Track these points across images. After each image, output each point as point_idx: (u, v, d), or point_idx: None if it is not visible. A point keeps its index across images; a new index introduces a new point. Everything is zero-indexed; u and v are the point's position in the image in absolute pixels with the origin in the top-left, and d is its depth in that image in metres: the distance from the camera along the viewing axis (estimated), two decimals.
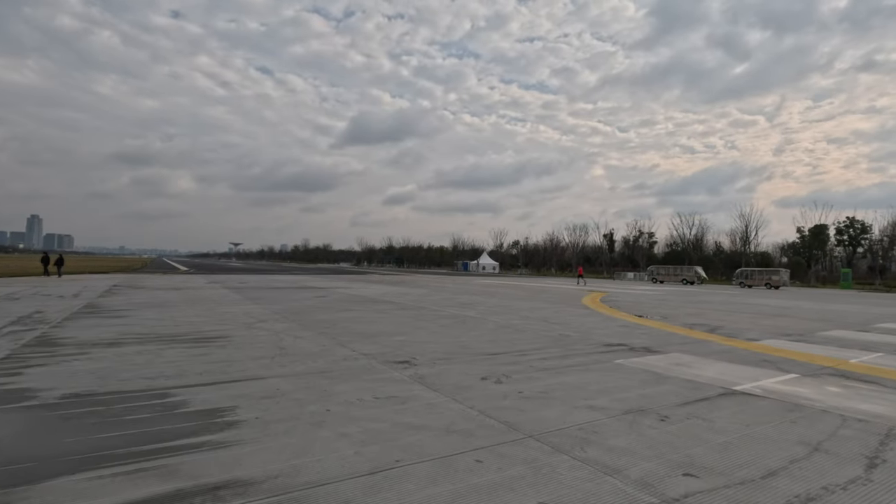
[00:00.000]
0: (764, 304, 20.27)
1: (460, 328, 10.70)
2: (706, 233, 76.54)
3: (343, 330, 10.01)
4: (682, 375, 6.44)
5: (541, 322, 12.18)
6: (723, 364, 7.30)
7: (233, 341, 8.36)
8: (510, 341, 9.01)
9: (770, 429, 4.38)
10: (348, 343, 8.42)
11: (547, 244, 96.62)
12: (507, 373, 6.38)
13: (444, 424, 4.31)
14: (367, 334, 9.49)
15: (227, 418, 4.34)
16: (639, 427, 4.34)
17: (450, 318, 12.68)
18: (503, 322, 11.98)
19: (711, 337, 10.20)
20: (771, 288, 41.59)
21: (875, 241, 62.66)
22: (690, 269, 50.76)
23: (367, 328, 10.35)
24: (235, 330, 9.69)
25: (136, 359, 6.78)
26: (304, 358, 7.06)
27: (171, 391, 5.17)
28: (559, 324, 11.91)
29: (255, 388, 5.34)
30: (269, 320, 11.28)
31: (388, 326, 10.72)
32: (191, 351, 7.42)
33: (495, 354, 7.67)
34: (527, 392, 5.44)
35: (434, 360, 7.09)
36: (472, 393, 5.37)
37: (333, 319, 11.73)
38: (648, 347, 8.66)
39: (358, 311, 13.75)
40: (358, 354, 7.42)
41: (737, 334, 10.68)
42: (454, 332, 10.13)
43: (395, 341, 8.73)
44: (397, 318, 12.23)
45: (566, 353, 7.90)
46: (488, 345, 8.58)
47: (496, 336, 9.64)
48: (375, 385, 5.62)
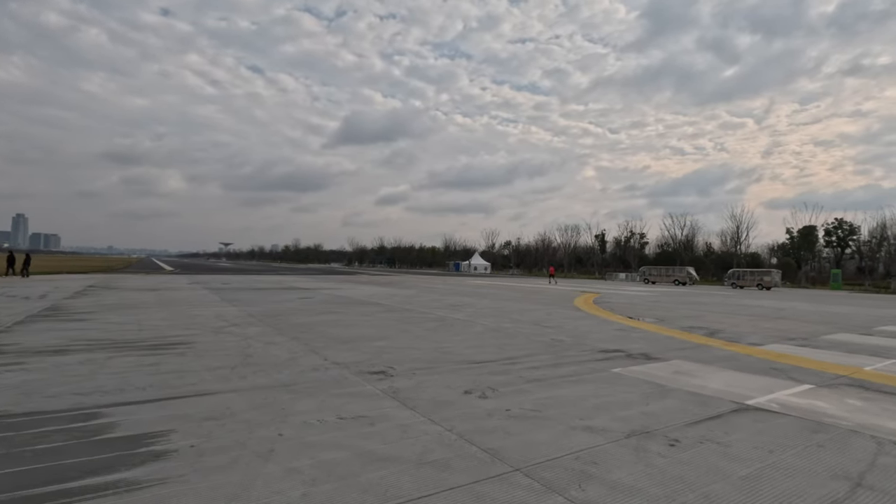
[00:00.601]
0: (760, 306, 19.83)
1: (446, 332, 10.02)
2: (697, 234, 76.65)
3: (319, 335, 9.29)
4: (687, 387, 5.81)
5: (532, 325, 11.54)
6: (729, 373, 6.69)
7: (194, 348, 7.62)
8: (499, 347, 8.35)
9: (797, 456, 3.75)
10: (322, 350, 7.71)
11: (539, 245, 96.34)
12: (493, 385, 5.72)
13: (416, 453, 3.63)
14: (344, 340, 8.78)
15: (157, 446, 3.63)
16: (645, 455, 3.69)
17: (436, 320, 12.01)
18: (492, 325, 11.32)
19: (712, 341, 9.62)
20: (762, 289, 41.41)
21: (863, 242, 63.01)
22: (682, 270, 50.54)
23: (346, 333, 9.64)
24: (201, 335, 8.93)
25: (76, 370, 6.02)
26: (268, 368, 6.35)
27: (102, 411, 4.44)
28: (551, 327, 11.28)
29: (201, 407, 4.62)
30: (241, 324, 10.52)
31: (369, 330, 10.01)
32: (143, 360, 6.67)
33: (482, 363, 7.00)
34: (515, 409, 4.78)
35: (414, 370, 6.41)
36: (453, 410, 4.70)
37: (312, 323, 11.00)
38: (647, 354, 8.05)
39: (340, 314, 13.02)
40: (330, 364, 6.72)
41: (738, 338, 10.11)
42: (439, 336, 9.46)
43: (374, 347, 8.03)
44: (381, 322, 11.53)
45: (559, 361, 7.25)
46: (475, 351, 7.91)
47: (484, 341, 8.98)
48: (343, 402, 4.92)
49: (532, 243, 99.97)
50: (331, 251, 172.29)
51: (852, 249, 65.78)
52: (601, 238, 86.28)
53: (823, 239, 66.05)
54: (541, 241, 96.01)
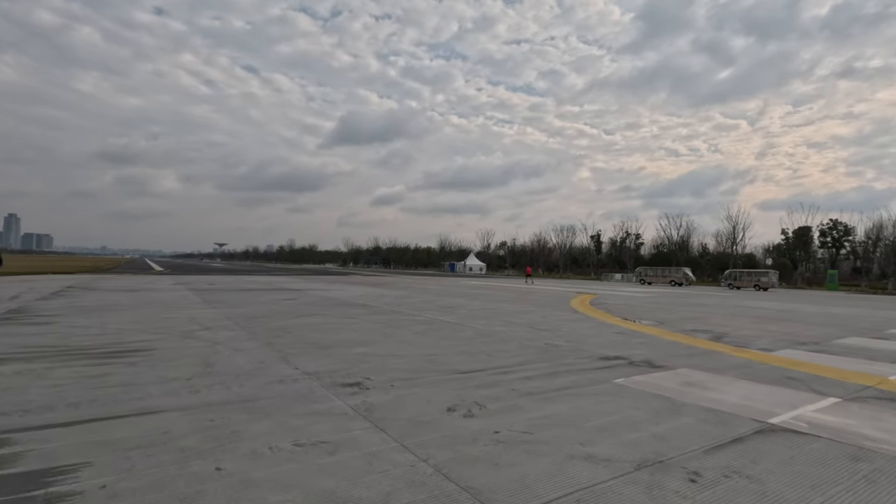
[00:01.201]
0: (762, 307, 19.26)
1: (434, 336, 9.33)
2: (692, 234, 76.31)
3: (296, 340, 8.58)
4: (700, 402, 5.15)
5: (526, 328, 10.87)
6: (744, 384, 6.04)
7: (153, 356, 6.89)
8: (490, 354, 7.67)
9: (846, 495, 3.09)
10: (295, 357, 7.00)
11: (534, 245, 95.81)
12: (481, 400, 5.03)
13: (380, 495, 2.94)
14: (322, 345, 8.07)
15: (59, 486, 2.92)
16: (661, 495, 3.02)
17: (425, 323, 11.31)
18: (484, 329, 10.64)
19: (719, 347, 8.98)
20: (759, 289, 40.98)
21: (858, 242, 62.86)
22: (679, 271, 50.05)
23: (325, 337, 8.93)
24: (166, 340, 8.20)
25: (7, 382, 5.28)
26: (229, 380, 5.63)
27: (12, 437, 3.72)
28: (547, 330, 10.62)
29: (135, 430, 3.91)
30: (214, 328, 9.79)
31: (351, 335, 9.31)
32: (89, 370, 5.94)
33: (470, 373, 6.31)
34: (505, 431, 4.10)
35: (393, 382, 5.72)
36: (433, 433, 4.01)
37: (291, 326, 10.28)
38: (651, 361, 7.39)
39: (324, 316, 12.31)
40: (300, 374, 6.01)
41: (746, 343, 9.48)
42: (426, 341, 8.76)
43: (353, 354, 7.33)
44: (365, 325, 10.83)
45: (556, 370, 6.58)
46: (463, 358, 7.23)
47: (474, 347, 8.30)
48: (305, 422, 4.22)
49: (528, 244, 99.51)
50: (326, 252, 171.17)
51: (847, 250, 65.69)
52: (597, 239, 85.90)
53: (818, 240, 65.90)
54: (536, 242, 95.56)
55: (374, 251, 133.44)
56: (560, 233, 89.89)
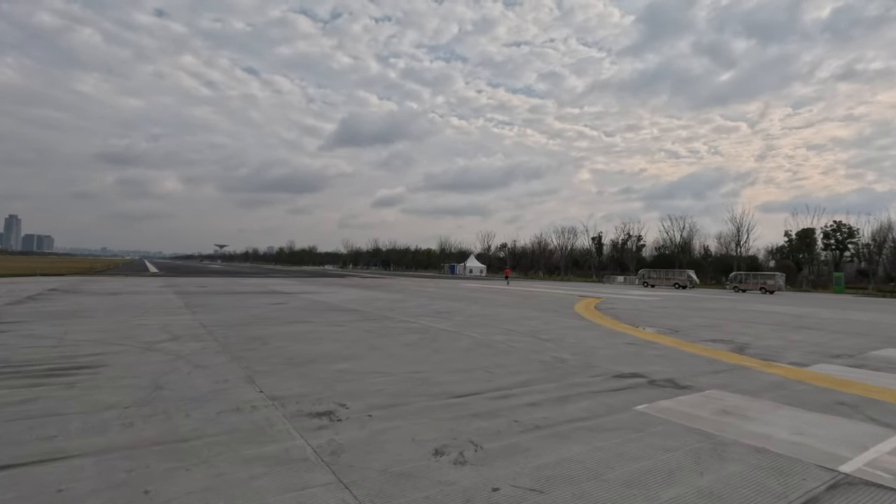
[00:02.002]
0: (776, 312, 18.29)
1: (427, 348, 8.40)
2: (694, 236, 75.36)
3: (272, 353, 7.64)
4: (744, 438, 4.21)
5: (529, 338, 9.93)
6: (789, 412, 5.10)
7: (99, 375, 5.96)
8: (488, 370, 6.73)
9: None
10: (264, 376, 6.07)
11: (535, 247, 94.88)
12: (477, 436, 4.10)
13: None
14: (299, 360, 7.13)
15: None
16: None
17: (418, 332, 10.38)
18: (482, 338, 9.70)
19: (745, 360, 8.04)
20: (766, 292, 40.03)
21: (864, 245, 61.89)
22: (683, 273, 49.06)
23: (305, 350, 8.00)
24: (123, 354, 7.27)
25: None
26: (175, 408, 4.70)
27: None
28: (551, 340, 9.68)
29: (14, 491, 2.98)
30: (184, 338, 8.86)
31: (334, 346, 8.37)
32: (13, 395, 5.00)
33: (465, 396, 5.38)
34: (507, 488, 3.16)
35: (372, 410, 4.78)
36: (412, 492, 3.07)
37: (270, 336, 9.35)
38: (673, 380, 6.45)
39: (309, 324, 11.37)
40: (263, 399, 5.07)
41: (774, 356, 8.54)
42: (417, 354, 7.83)
43: (331, 372, 6.40)
44: (352, 334, 9.89)
45: (565, 392, 5.64)
46: (458, 377, 6.29)
47: (470, 361, 7.36)
48: (250, 473, 3.29)
49: (528, 246, 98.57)
50: (326, 253, 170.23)
51: (851, 252, 64.74)
52: (598, 240, 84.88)
53: (822, 241, 64.96)
54: (537, 244, 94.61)
55: (373, 253, 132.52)
56: (561, 234, 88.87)
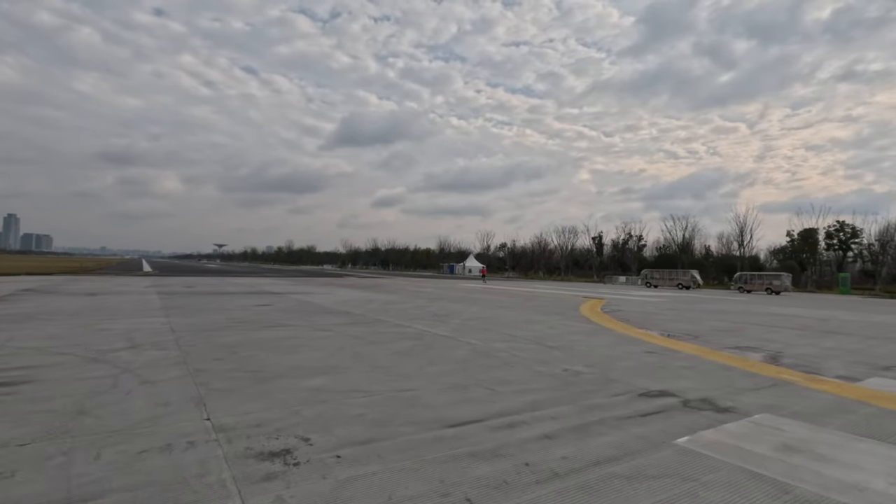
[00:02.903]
0: (796, 316, 17.25)
1: (419, 358, 7.35)
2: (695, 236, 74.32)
3: (238, 365, 6.60)
4: (832, 491, 3.17)
5: (534, 345, 8.89)
6: (872, 447, 4.06)
7: (17, 394, 4.90)
8: (489, 387, 5.69)
9: None
10: (219, 397, 5.02)
11: (535, 247, 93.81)
12: (475, 491, 3.05)
13: None
14: (267, 374, 6.09)
15: None
16: None
17: (412, 338, 9.33)
18: (482, 346, 8.66)
19: (785, 373, 7.00)
20: (772, 293, 39.05)
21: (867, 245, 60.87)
22: (686, 273, 48.05)
23: (278, 361, 6.95)
24: (60, 366, 6.22)
25: None
26: (88, 445, 3.65)
27: None
28: (560, 348, 8.63)
29: None
30: (144, 345, 7.81)
31: (313, 355, 7.33)
32: None
33: (462, 425, 4.33)
34: None
35: (341, 448, 3.74)
36: None
37: (243, 343, 8.30)
38: (710, 400, 5.41)
39: (292, 328, 10.32)
40: (207, 431, 4.03)
41: (814, 367, 7.50)
42: (408, 366, 6.78)
43: (303, 390, 5.36)
44: (337, 341, 8.84)
45: (585, 419, 4.60)
46: (453, 396, 5.25)
47: (469, 375, 6.32)
48: None
49: (528, 245, 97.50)
50: (325, 253, 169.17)
51: (854, 253, 63.73)
52: (598, 240, 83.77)
53: (825, 242, 63.97)
54: (537, 244, 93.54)
55: (372, 252, 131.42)
56: (561, 234, 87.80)
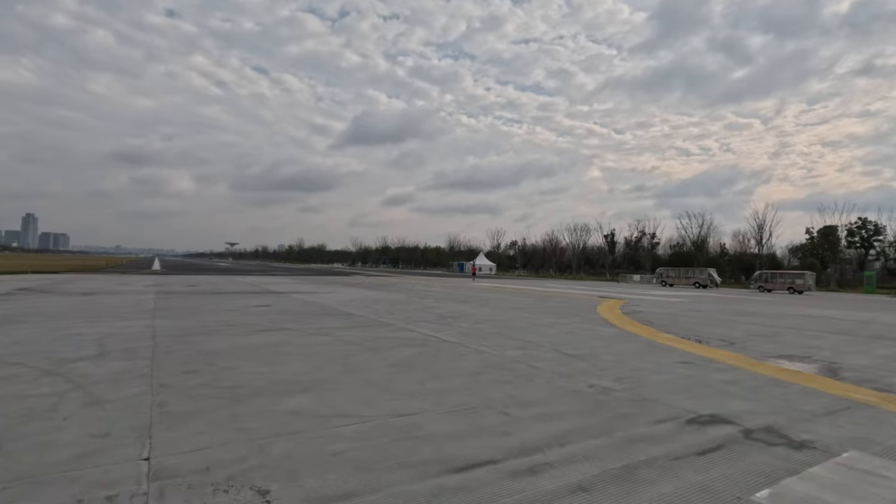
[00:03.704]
0: (831, 318, 16.00)
1: (422, 371, 6.40)
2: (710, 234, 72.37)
3: (213, 378, 5.71)
4: None
5: (553, 354, 7.90)
6: None
7: None
8: (502, 411, 4.72)
9: None
10: (174, 423, 4.11)
11: (546, 244, 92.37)
12: None
13: None
14: (243, 391, 5.18)
15: None
16: None
17: (416, 344, 8.39)
18: (494, 354, 7.69)
19: (853, 391, 5.93)
20: (794, 292, 37.47)
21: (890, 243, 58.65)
22: (703, 272, 46.55)
23: (260, 373, 6.05)
24: (9, 381, 5.35)
25: None
26: None
27: None
28: (582, 357, 7.63)
29: None
30: (114, 353, 6.97)
31: (301, 367, 6.42)
32: None
33: (469, 469, 3.37)
34: None
35: None
36: None
37: (226, 351, 7.43)
38: (778, 430, 4.38)
39: (285, 333, 9.44)
40: (137, 479, 3.12)
41: (885, 384, 6.41)
42: (408, 381, 5.84)
43: (278, 414, 4.44)
44: (333, 348, 7.93)
45: (628, 459, 3.61)
46: (460, 424, 4.29)
47: (479, 393, 5.35)
48: None
49: (539, 243, 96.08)
50: (335, 251, 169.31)
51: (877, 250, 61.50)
52: (611, 238, 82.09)
53: (846, 239, 61.86)
54: (548, 241, 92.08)
55: (382, 251, 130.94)
56: (573, 232, 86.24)
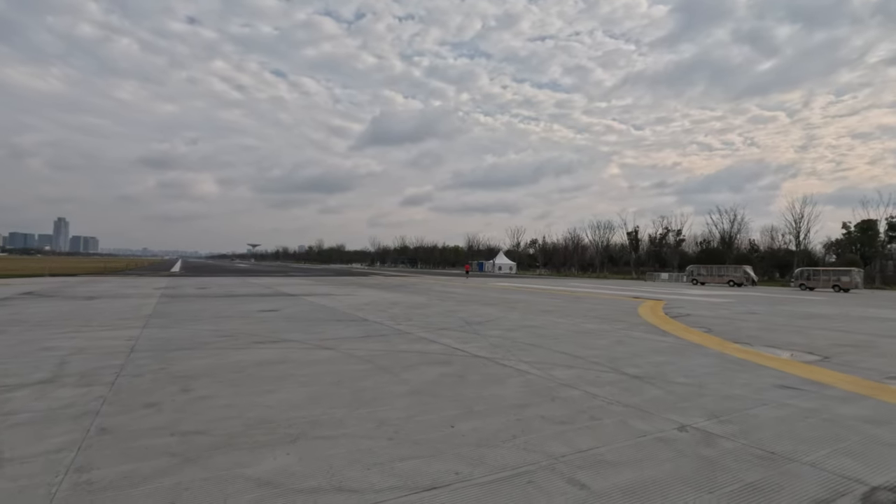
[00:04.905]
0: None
1: (448, 403, 4.93)
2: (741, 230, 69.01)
3: (175, 416, 4.34)
4: None
5: (610, 373, 6.33)
6: None
7: None
8: (571, 479, 3.20)
9: None
10: (97, 486, 2.74)
11: (568, 242, 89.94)
12: None
13: None
14: (204, 442, 3.78)
15: None
16: None
17: (439, 361, 6.93)
18: (537, 376, 6.16)
19: None
20: (840, 290, 34.81)
21: None
22: (738, 269, 43.93)
23: (240, 407, 4.66)
24: None
25: None
26: None
27: None
28: (651, 380, 6.05)
29: None
30: (70, 376, 5.68)
31: (295, 397, 5.02)
32: None
33: None
34: None
35: None
36: None
37: (209, 372, 6.08)
38: None
39: (285, 347, 8.08)
40: None
41: None
42: (430, 422, 4.37)
43: (246, 489, 3.02)
44: (338, 367, 6.52)
45: None
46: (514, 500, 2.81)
47: (529, 447, 3.85)
48: None
49: (560, 241, 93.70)
50: (354, 251, 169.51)
51: None
52: (634, 235, 79.24)
53: (886, 234, 58.18)
54: (570, 239, 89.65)
55: (400, 250, 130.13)
56: (596, 229, 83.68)
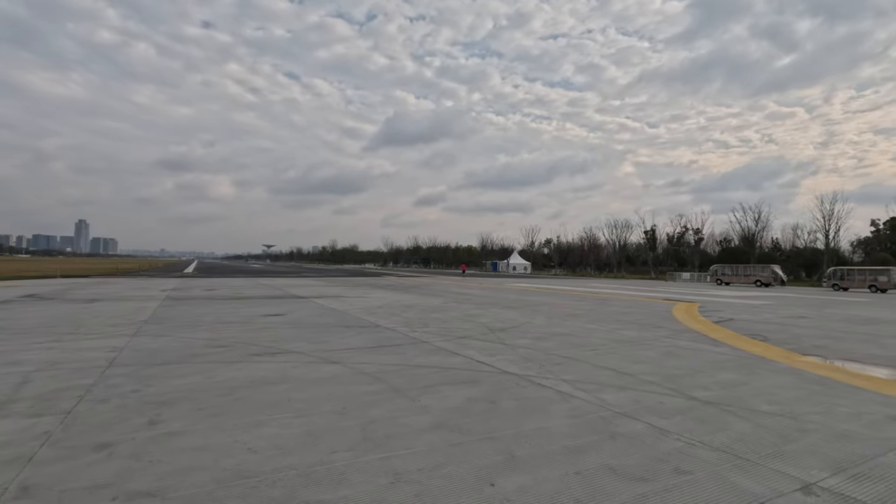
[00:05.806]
0: None
1: (481, 444, 3.83)
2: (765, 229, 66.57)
3: (127, 464, 3.32)
4: None
5: (675, 398, 5.17)
6: None
7: None
8: None
9: None
10: None
11: (584, 242, 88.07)
12: None
13: None
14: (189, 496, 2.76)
15: None
16: None
17: (463, 381, 5.84)
18: (586, 402, 5.03)
19: None
20: (876, 291, 32.89)
21: None
22: (766, 269, 42.00)
23: (214, 453, 3.63)
24: None
25: None
26: None
27: None
28: (728, 407, 4.88)
29: None
30: (23, 400, 4.72)
31: (284, 436, 3.97)
32: None
33: None
34: None
35: None
36: None
37: (189, 395, 5.08)
38: None
39: (285, 359, 7.07)
40: None
41: None
42: (462, 476, 3.29)
43: None
44: (343, 390, 5.47)
45: None
46: None
47: None
48: None
49: (575, 241, 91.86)
50: (367, 252, 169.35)
51: None
52: (651, 234, 77.11)
53: None
54: (586, 239, 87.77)
55: (413, 251, 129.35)
56: (613, 228, 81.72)
